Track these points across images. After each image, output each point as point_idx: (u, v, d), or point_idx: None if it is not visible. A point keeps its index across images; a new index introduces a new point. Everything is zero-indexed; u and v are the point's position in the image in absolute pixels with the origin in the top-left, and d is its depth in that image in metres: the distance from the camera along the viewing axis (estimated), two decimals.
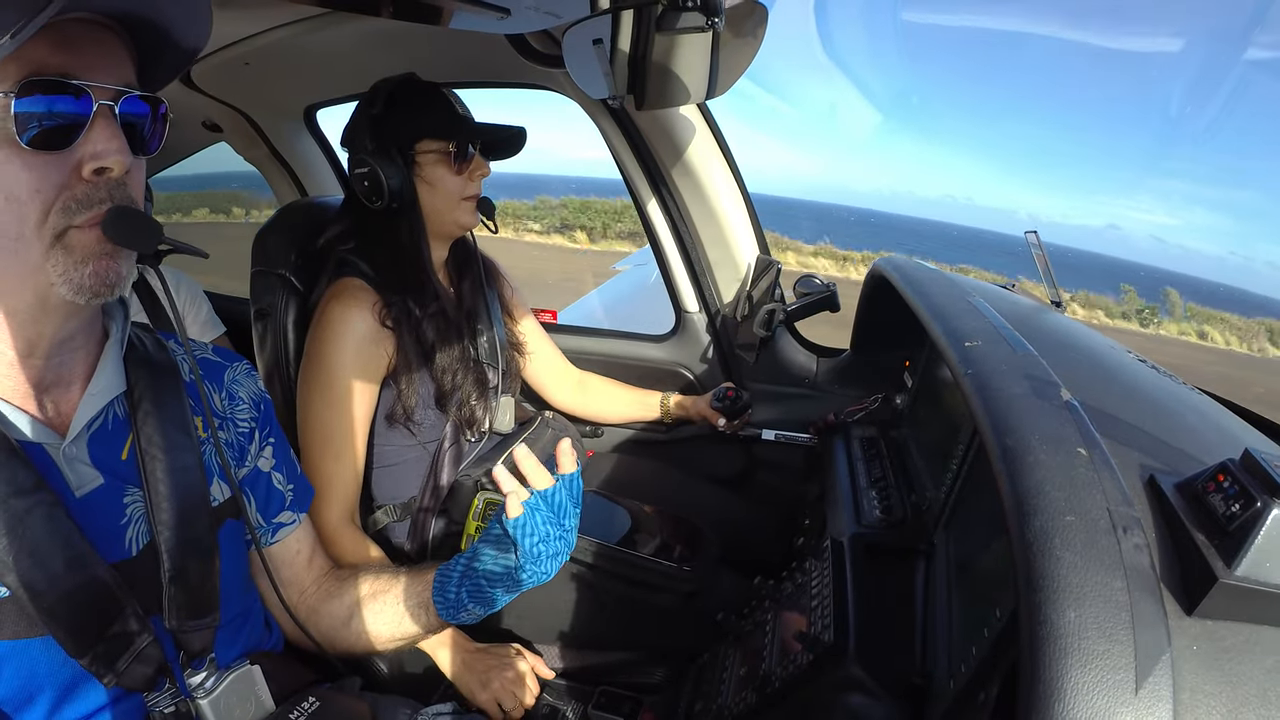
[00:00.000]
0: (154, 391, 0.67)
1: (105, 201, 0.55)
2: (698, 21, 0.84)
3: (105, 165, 0.54)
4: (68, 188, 0.53)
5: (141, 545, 0.65)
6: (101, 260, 0.55)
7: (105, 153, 0.54)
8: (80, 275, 0.55)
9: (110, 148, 0.54)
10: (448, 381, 1.17)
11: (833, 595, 0.87)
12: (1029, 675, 0.43)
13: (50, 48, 0.51)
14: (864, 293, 1.43)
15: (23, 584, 0.55)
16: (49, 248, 0.54)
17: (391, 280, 1.12)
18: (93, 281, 0.55)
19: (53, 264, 0.54)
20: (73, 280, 0.55)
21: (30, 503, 0.56)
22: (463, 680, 1.02)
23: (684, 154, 1.41)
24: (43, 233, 0.53)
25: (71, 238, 0.54)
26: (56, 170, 0.53)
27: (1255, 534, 0.47)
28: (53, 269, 0.54)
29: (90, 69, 0.53)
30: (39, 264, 0.54)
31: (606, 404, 1.55)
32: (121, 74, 0.56)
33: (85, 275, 0.55)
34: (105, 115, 0.54)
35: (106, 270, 0.56)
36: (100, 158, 0.54)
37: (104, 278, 0.56)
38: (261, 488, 0.81)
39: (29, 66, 0.51)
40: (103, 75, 0.54)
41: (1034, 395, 0.68)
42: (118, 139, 0.54)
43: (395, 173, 1.08)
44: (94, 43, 0.54)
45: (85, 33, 0.53)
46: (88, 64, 0.53)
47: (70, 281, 0.55)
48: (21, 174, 0.52)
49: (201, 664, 0.68)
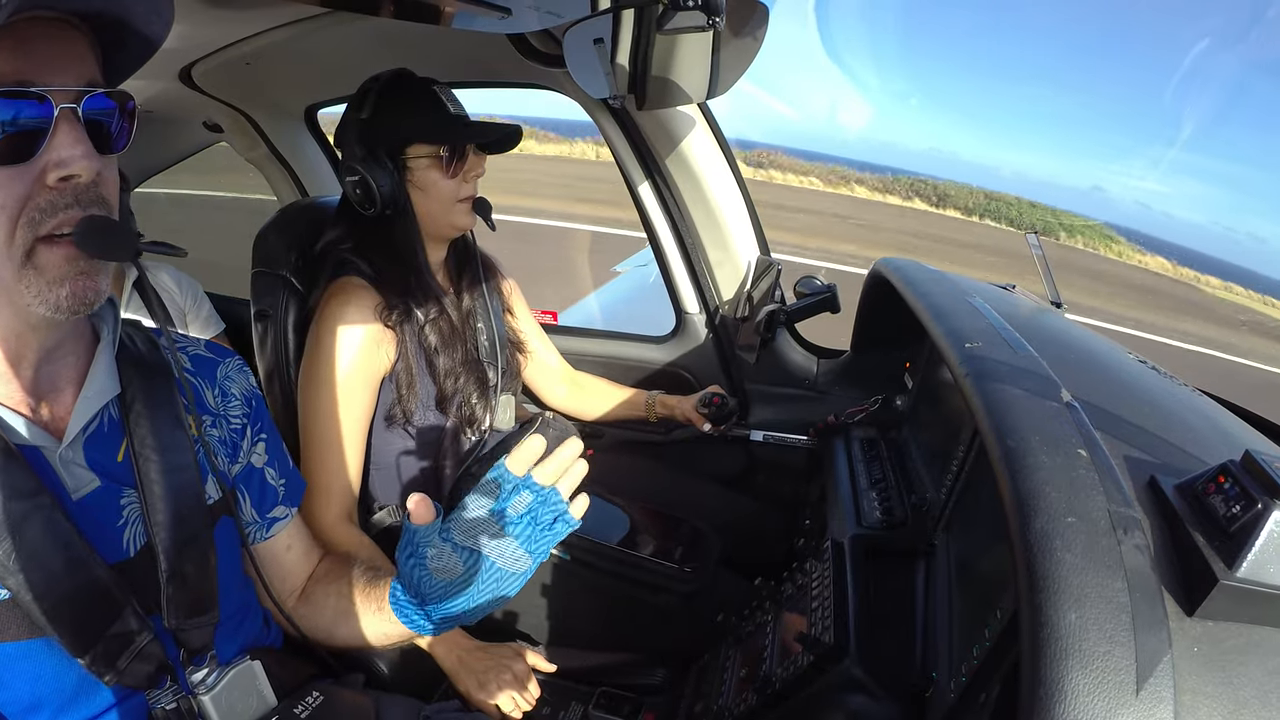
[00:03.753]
0: (147, 393, 0.66)
1: (72, 206, 0.52)
2: (698, 21, 0.84)
3: (71, 172, 0.52)
4: (31, 198, 0.51)
5: (139, 546, 0.64)
6: (78, 280, 0.54)
7: (70, 159, 0.51)
8: (56, 296, 0.53)
9: (75, 154, 0.51)
10: (450, 385, 1.16)
11: (833, 596, 0.87)
12: (1030, 677, 0.43)
13: (4, 53, 0.48)
14: (864, 293, 1.43)
15: (23, 586, 0.55)
16: (20, 267, 0.52)
17: (392, 281, 1.11)
18: (70, 302, 0.54)
19: (26, 285, 0.52)
20: (49, 300, 0.53)
21: (29, 506, 0.56)
22: (460, 679, 1.01)
23: (684, 154, 1.41)
24: (12, 251, 0.51)
25: (41, 256, 0.52)
26: (19, 182, 0.50)
27: (1256, 535, 0.47)
28: (27, 290, 0.52)
29: (49, 71, 0.50)
30: (12, 284, 0.52)
31: (600, 403, 1.54)
32: (83, 72, 0.53)
33: (61, 297, 0.53)
34: (68, 119, 0.51)
35: (84, 290, 0.54)
36: (65, 165, 0.51)
37: (81, 297, 0.54)
38: (255, 483, 0.80)
39: None
40: (63, 76, 0.51)
41: (1035, 396, 0.68)
42: (83, 143, 0.52)
43: (386, 179, 1.06)
44: (51, 41, 0.51)
45: (41, 32, 0.50)
46: (45, 66, 0.50)
47: (46, 302, 0.53)
48: None
49: (202, 661, 0.68)
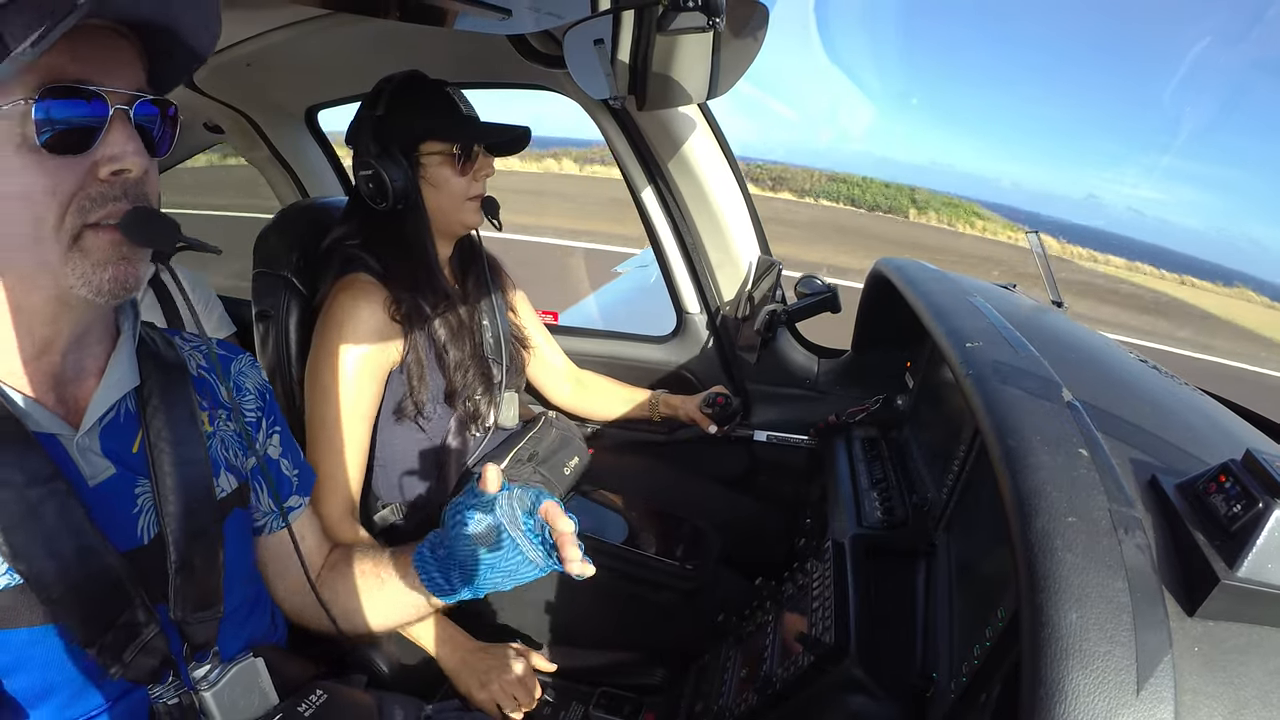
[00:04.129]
0: (163, 387, 0.69)
1: (120, 199, 0.56)
2: (698, 22, 0.84)
3: (124, 167, 0.56)
4: (83, 188, 0.55)
5: (152, 534, 0.66)
6: (120, 265, 0.57)
7: (123, 154, 0.55)
8: (99, 279, 0.57)
9: (128, 149, 0.55)
10: (459, 378, 1.17)
11: (834, 596, 0.87)
12: (1031, 676, 0.43)
13: (67, 55, 0.52)
14: (865, 293, 1.43)
15: (36, 571, 0.57)
16: (67, 250, 0.55)
17: (401, 277, 1.12)
18: (112, 285, 0.57)
19: (71, 267, 0.56)
20: (92, 283, 0.56)
21: (45, 491, 0.57)
22: (462, 679, 1.02)
23: (685, 154, 1.41)
24: (60, 235, 0.55)
25: (87, 240, 0.56)
26: (73, 173, 0.54)
27: (1257, 535, 0.47)
28: (71, 272, 0.56)
29: (105, 74, 0.55)
30: (58, 266, 0.56)
31: (603, 402, 1.55)
32: (134, 78, 0.57)
33: (104, 280, 0.57)
34: (121, 119, 0.55)
35: (125, 275, 0.58)
36: (119, 160, 0.55)
37: (123, 281, 0.58)
38: (272, 474, 0.83)
39: (47, 73, 0.52)
40: (117, 80, 0.55)
41: (1035, 396, 0.68)
42: (134, 141, 0.56)
43: (399, 174, 1.08)
44: (108, 49, 0.55)
45: (99, 39, 0.55)
46: (103, 70, 0.55)
47: (90, 284, 0.56)
48: (40, 178, 0.53)
49: (205, 656, 0.69)
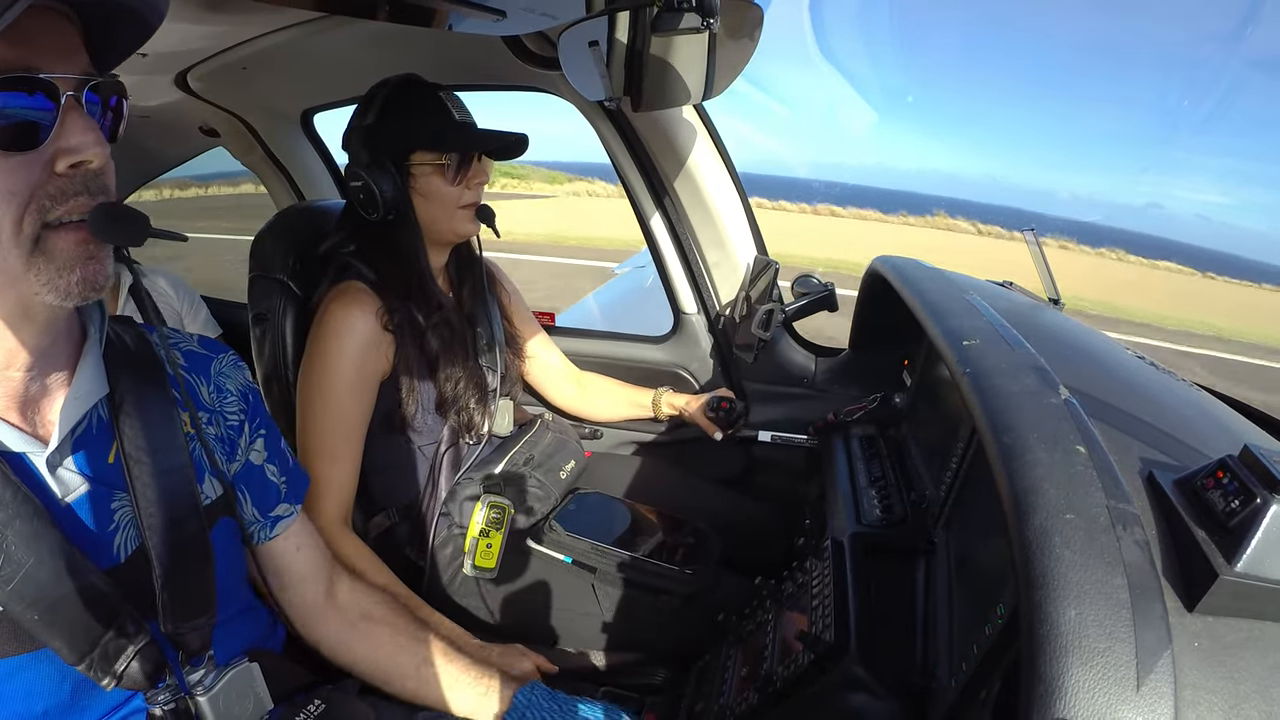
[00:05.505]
0: (136, 392, 0.64)
1: (81, 193, 0.52)
2: (693, 23, 0.84)
3: (83, 159, 0.51)
4: (40, 185, 0.51)
5: (130, 551, 0.63)
6: (88, 265, 0.53)
7: (82, 145, 0.51)
8: (66, 282, 0.53)
9: (87, 140, 0.51)
10: (450, 389, 1.17)
11: (833, 595, 0.87)
12: (1030, 673, 0.43)
13: (7, 42, 0.47)
14: (862, 292, 1.43)
15: (11, 599, 0.54)
16: (29, 255, 0.51)
17: (393, 286, 1.12)
18: (81, 287, 0.53)
19: (35, 273, 0.52)
20: (59, 287, 0.53)
21: (8, 515, 0.54)
22: None
23: (681, 155, 1.41)
24: (20, 240, 0.51)
25: (50, 242, 0.52)
26: (28, 170, 0.50)
27: (1255, 530, 0.47)
28: (36, 278, 0.52)
29: (50, 60, 0.50)
30: (20, 274, 0.52)
31: (605, 403, 1.55)
32: (80, 61, 0.53)
33: (72, 282, 0.53)
34: (74, 107, 0.51)
35: (94, 274, 0.54)
36: (77, 151, 0.51)
37: (92, 281, 0.54)
38: (256, 481, 0.79)
39: None
40: (63, 65, 0.51)
41: (1032, 393, 0.68)
42: (92, 130, 0.51)
43: (390, 185, 1.07)
44: (49, 31, 0.50)
45: (38, 21, 0.49)
46: (47, 55, 0.50)
47: (56, 289, 0.53)
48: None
49: (200, 661, 0.67)
